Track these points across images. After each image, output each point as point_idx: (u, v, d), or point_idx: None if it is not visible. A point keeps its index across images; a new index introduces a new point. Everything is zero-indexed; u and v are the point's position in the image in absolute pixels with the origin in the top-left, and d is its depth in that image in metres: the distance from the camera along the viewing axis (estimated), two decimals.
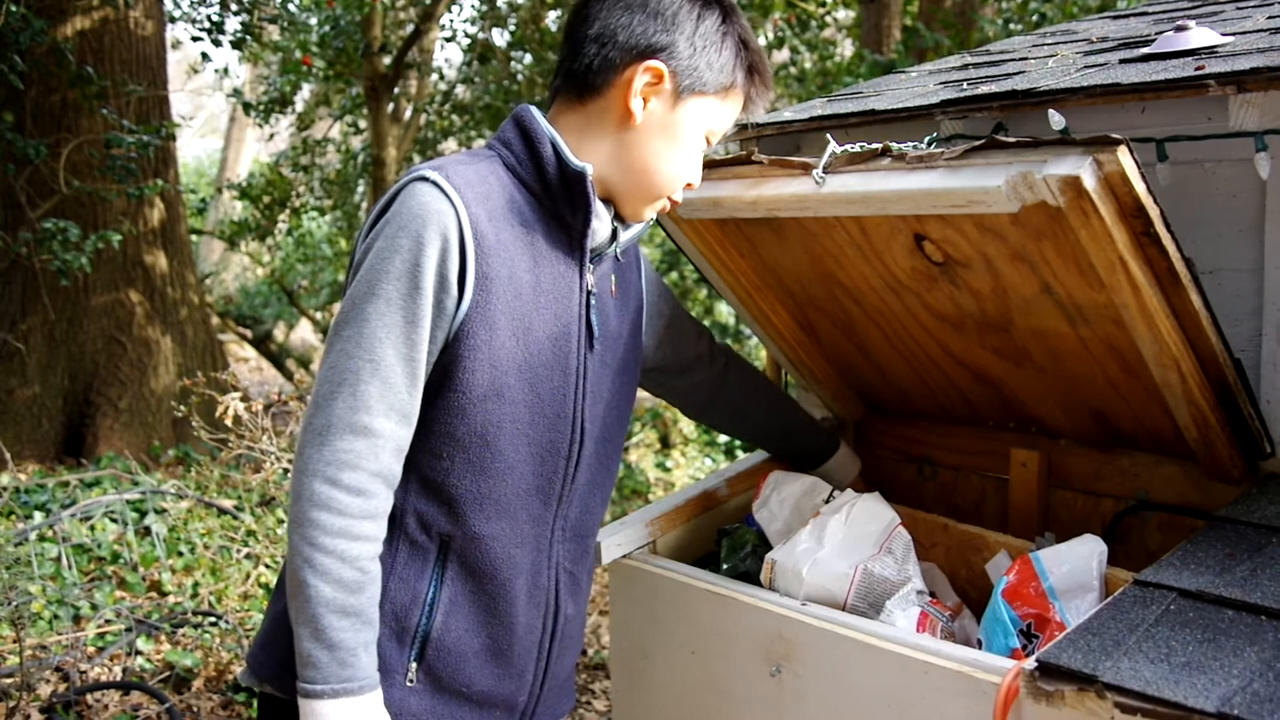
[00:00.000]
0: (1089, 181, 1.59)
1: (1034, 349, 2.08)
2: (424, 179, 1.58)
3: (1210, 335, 1.79)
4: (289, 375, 10.82)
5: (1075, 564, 1.85)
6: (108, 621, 4.23)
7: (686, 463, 5.87)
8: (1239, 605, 1.58)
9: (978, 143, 1.74)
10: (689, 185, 1.80)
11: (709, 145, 1.79)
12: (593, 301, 1.74)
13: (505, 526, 1.68)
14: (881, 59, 7.08)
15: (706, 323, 9.01)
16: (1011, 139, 1.70)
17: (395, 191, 1.61)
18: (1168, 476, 2.14)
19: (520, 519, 1.70)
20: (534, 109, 1.72)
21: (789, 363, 2.57)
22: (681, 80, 1.69)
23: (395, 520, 1.63)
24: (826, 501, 2.19)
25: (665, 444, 6.14)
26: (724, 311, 9.64)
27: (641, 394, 2.57)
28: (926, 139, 1.95)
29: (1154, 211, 1.64)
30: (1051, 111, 1.94)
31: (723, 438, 6.89)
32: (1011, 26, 7.23)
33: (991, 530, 2.18)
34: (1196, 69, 1.87)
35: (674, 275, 9.21)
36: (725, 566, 2.17)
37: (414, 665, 1.65)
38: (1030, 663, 1.55)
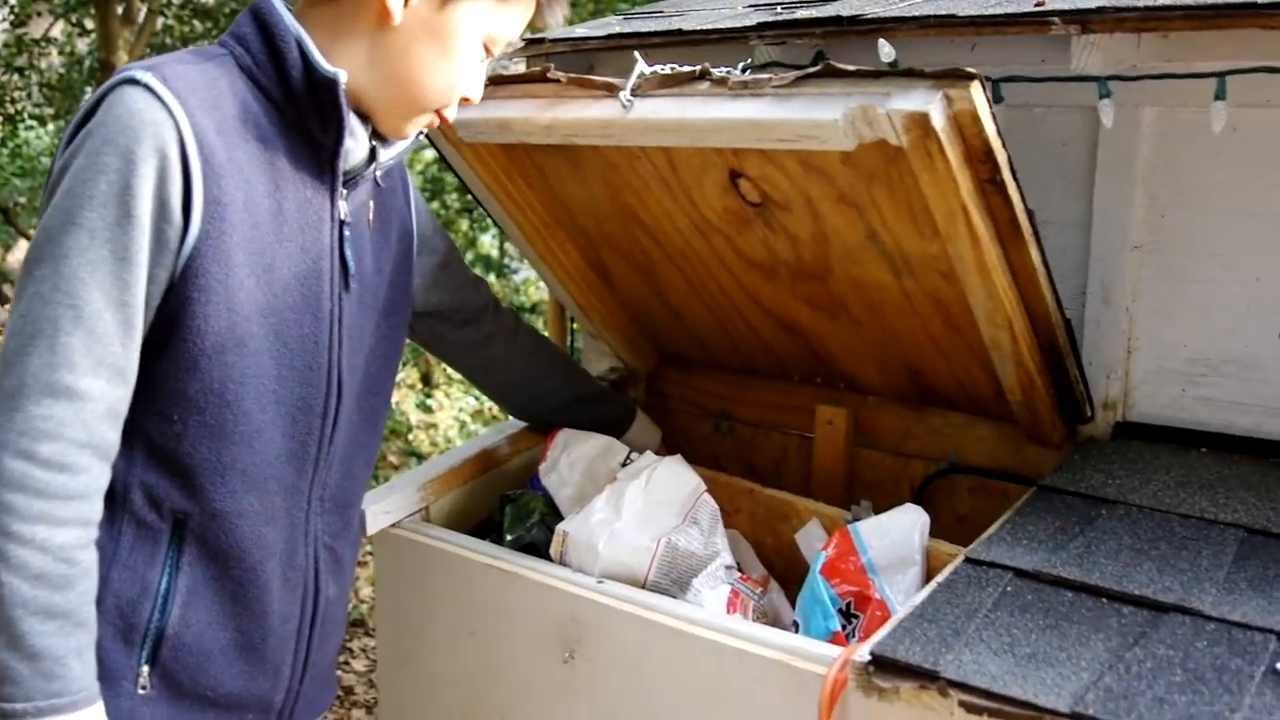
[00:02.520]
0: (937, 119, 1.43)
1: (851, 300, 1.93)
2: (134, 81, 1.31)
3: (1046, 294, 1.67)
4: (4, 301, 9.84)
5: (896, 536, 1.71)
6: None
7: (450, 403, 5.59)
8: (1078, 586, 1.47)
9: (812, 70, 1.54)
10: (465, 100, 1.55)
11: (490, 55, 1.55)
12: (347, 233, 1.51)
13: (253, 500, 1.46)
14: None
15: (469, 256, 8.63)
16: (851, 68, 1.51)
17: (99, 97, 1.32)
18: (980, 438, 2.04)
19: (270, 490, 1.47)
20: (277, 1, 1.43)
21: (577, 307, 2.34)
22: None
23: (116, 497, 1.39)
24: (624, 465, 1.99)
25: (427, 382, 5.83)
26: (486, 243, 9.32)
27: None
28: (740, 65, 1.74)
29: (1002, 157, 1.50)
30: (882, 41, 1.77)
31: None
32: None
33: (799, 495, 2.03)
34: (1037, 4, 1.73)
35: (435, 204, 8.82)
36: (509, 537, 1.94)
37: (145, 669, 1.42)
38: (861, 653, 1.39)
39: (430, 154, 9.84)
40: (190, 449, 1.40)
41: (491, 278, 7.95)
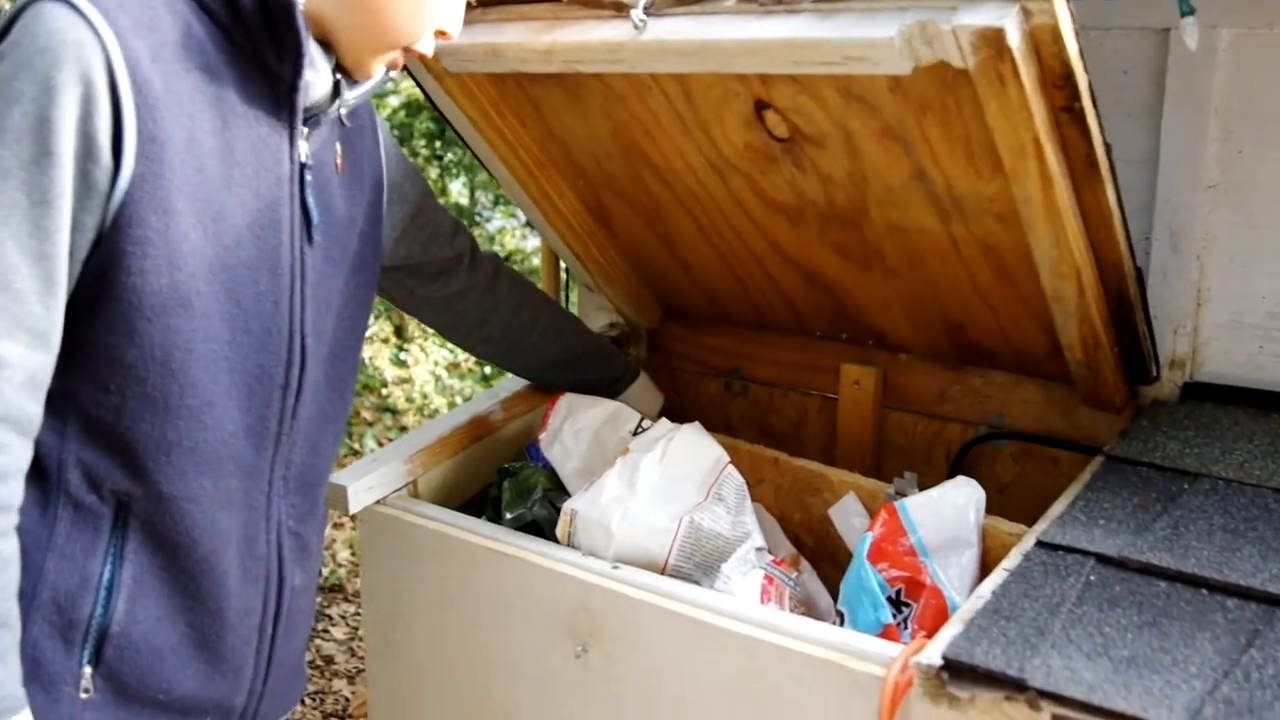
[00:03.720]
0: (1013, 37, 1.23)
1: (889, 248, 1.73)
2: None
3: (1119, 240, 1.48)
4: None
5: (948, 514, 1.53)
6: None
7: (425, 357, 5.37)
8: (1172, 575, 1.29)
9: None
10: (442, 34, 1.36)
11: None
12: (308, 178, 1.33)
13: (205, 483, 1.30)
14: None
15: None
16: None
17: (13, 15, 1.15)
18: (1026, 400, 1.85)
19: (226, 471, 1.32)
20: None
21: (573, 256, 2.14)
22: None
23: (50, 477, 1.24)
24: (635, 434, 1.79)
25: (401, 335, 5.60)
26: (456, 191, 9.03)
27: None
28: None
29: (1083, 81, 1.30)
30: None
31: None
32: None
33: (825, 464, 1.83)
34: None
35: (404, 150, 8.52)
36: (509, 516, 1.74)
37: (88, 670, 1.27)
38: (930, 654, 1.21)
39: (395, 100, 9.53)
40: (131, 424, 1.23)
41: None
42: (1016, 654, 1.17)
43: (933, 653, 1.21)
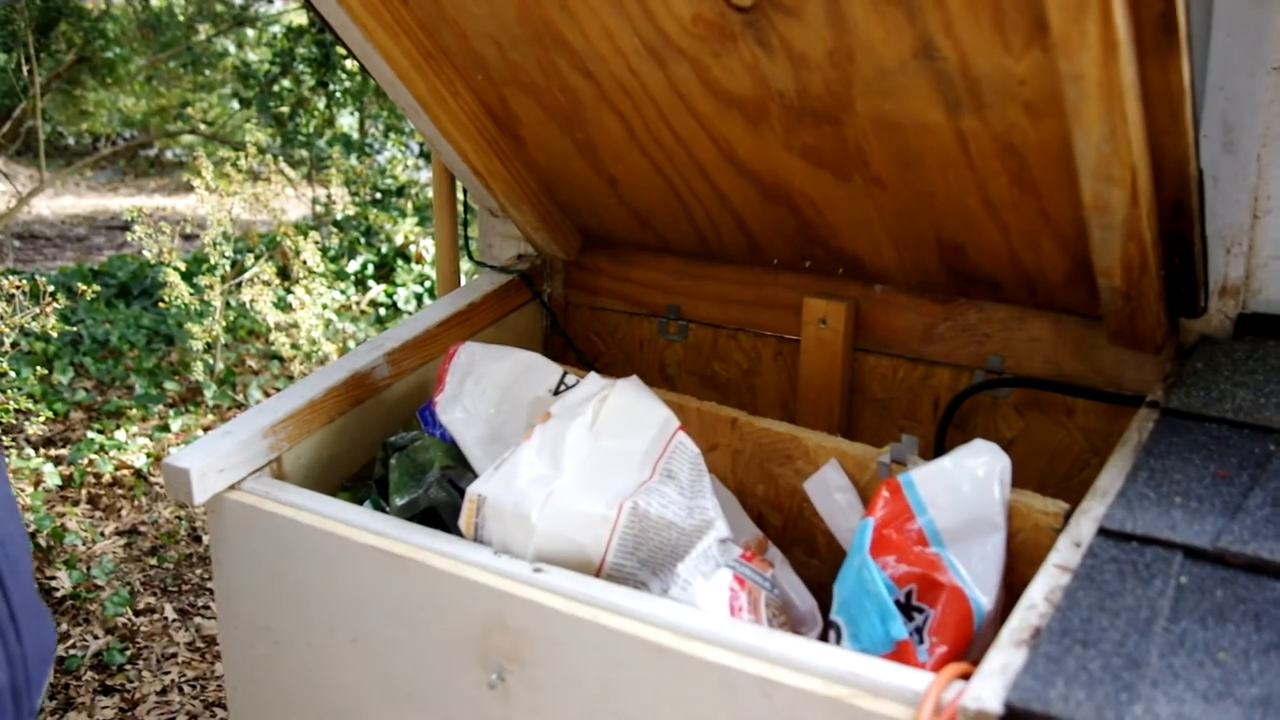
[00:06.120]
0: None
1: (875, 151, 1.37)
2: None
3: (1187, 131, 1.14)
4: None
5: (966, 489, 1.19)
6: None
7: (312, 299, 4.90)
8: None
9: None
10: None
11: None
12: None
13: None
14: None
15: (326, 137, 7.75)
16: None
17: None
18: (1034, 338, 1.52)
19: None
20: None
21: (471, 172, 1.76)
22: None
23: None
24: (556, 392, 1.42)
25: (285, 277, 5.12)
26: (346, 125, 8.45)
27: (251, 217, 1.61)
28: None
29: None
30: None
31: (353, 264, 5.86)
32: None
33: (785, 421, 1.48)
34: None
35: (288, 81, 7.91)
36: (399, 501, 1.37)
37: None
38: (982, 695, 0.87)
39: (276, 29, 8.86)
40: None
41: (352, 160, 7.14)
42: (1109, 698, 0.84)
43: (985, 692, 0.88)
